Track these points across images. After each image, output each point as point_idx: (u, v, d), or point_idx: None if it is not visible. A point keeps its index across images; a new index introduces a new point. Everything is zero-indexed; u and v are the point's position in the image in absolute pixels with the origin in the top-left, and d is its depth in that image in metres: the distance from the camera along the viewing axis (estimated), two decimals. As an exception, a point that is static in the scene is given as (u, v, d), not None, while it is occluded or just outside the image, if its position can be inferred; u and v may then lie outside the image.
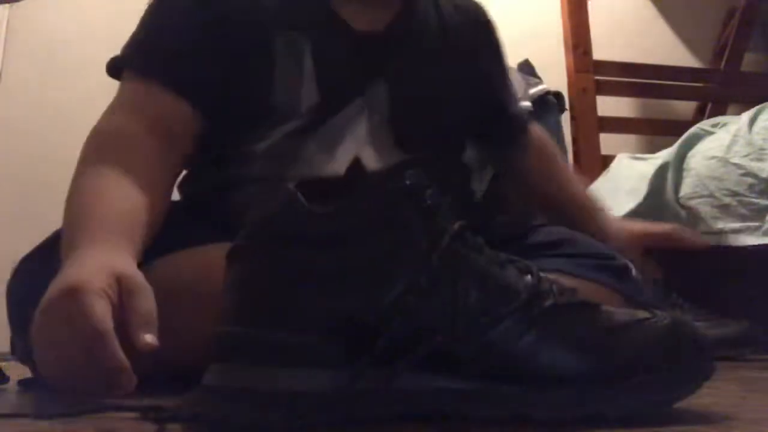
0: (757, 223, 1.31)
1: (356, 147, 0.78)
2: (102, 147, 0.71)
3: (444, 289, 0.40)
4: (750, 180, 1.33)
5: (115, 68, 0.80)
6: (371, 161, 0.77)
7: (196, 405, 0.40)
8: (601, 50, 2.15)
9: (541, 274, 0.43)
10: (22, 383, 0.67)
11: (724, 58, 2.42)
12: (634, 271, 0.84)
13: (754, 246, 1.30)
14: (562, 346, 0.40)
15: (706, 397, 0.51)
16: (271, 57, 0.78)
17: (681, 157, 1.48)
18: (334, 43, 0.81)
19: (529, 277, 0.43)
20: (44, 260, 0.68)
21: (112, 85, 0.80)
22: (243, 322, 0.40)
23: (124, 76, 0.79)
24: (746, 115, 1.43)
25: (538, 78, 1.84)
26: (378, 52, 0.82)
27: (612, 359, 0.41)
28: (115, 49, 0.81)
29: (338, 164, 0.76)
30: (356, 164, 0.43)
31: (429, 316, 0.39)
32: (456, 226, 0.41)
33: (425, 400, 0.39)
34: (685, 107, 2.40)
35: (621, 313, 0.44)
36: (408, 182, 0.41)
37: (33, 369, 0.70)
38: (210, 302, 0.47)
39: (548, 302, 0.42)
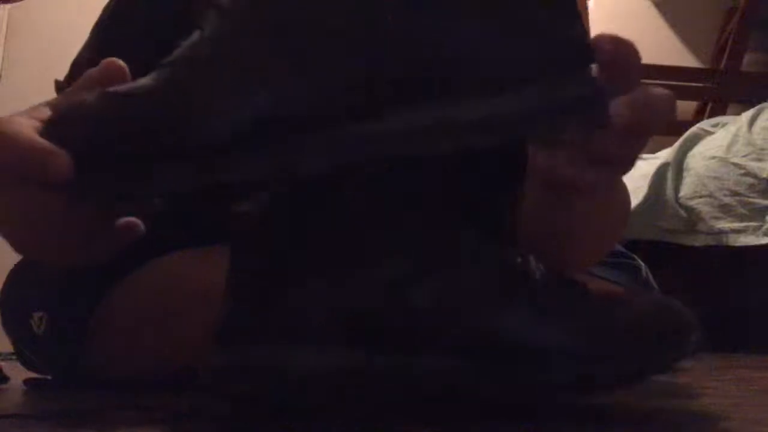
0: (757, 223, 1.31)
1: None
2: None
3: (438, 272, 0.40)
4: (750, 180, 1.33)
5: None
6: None
7: (206, 382, 0.40)
8: (601, 50, 2.15)
9: (530, 256, 0.44)
10: (28, 383, 0.68)
11: (724, 58, 2.42)
12: (644, 271, 0.84)
13: (754, 246, 1.30)
14: (553, 325, 0.41)
15: (705, 397, 0.51)
16: None
17: (681, 157, 1.49)
18: None
19: (519, 259, 0.43)
20: (32, 268, 0.67)
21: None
22: (247, 304, 0.40)
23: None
24: (746, 115, 1.44)
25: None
26: None
27: (602, 336, 0.41)
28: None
29: None
30: None
31: (422, 295, 0.39)
32: (449, 210, 0.42)
33: (421, 380, 0.40)
34: (685, 107, 2.40)
35: (605, 291, 0.45)
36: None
37: (37, 372, 0.71)
38: (205, 301, 0.47)
39: (539, 282, 0.42)
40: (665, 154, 1.53)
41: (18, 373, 0.70)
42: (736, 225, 1.33)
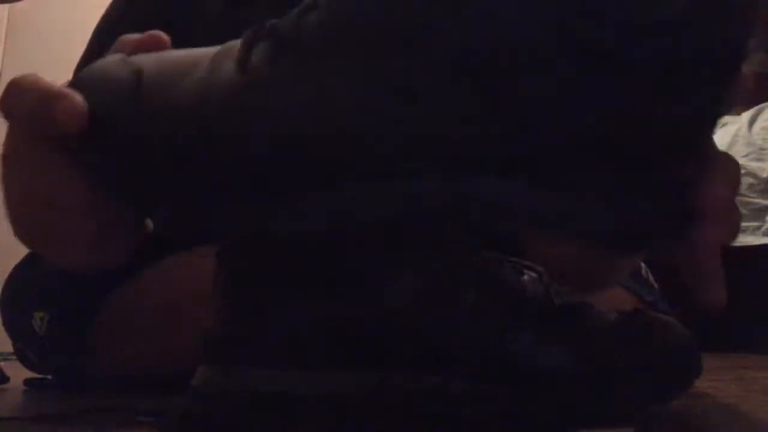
0: (757, 223, 1.31)
1: None
2: None
3: (444, 290, 0.40)
4: (750, 180, 1.33)
5: None
6: None
7: (185, 406, 0.40)
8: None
9: (534, 274, 0.43)
10: (28, 383, 0.68)
11: (724, 58, 2.42)
12: (644, 271, 0.84)
13: (754, 246, 1.30)
14: (558, 346, 0.40)
15: (706, 398, 0.51)
16: None
17: (681, 157, 1.49)
18: None
19: (525, 277, 0.43)
20: (34, 267, 0.68)
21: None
22: (234, 323, 0.40)
23: None
24: (746, 115, 1.44)
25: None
26: None
27: (605, 359, 0.41)
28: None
29: None
30: None
31: (428, 317, 0.39)
32: (456, 227, 0.41)
33: (420, 400, 0.40)
34: (685, 107, 2.40)
35: (611, 313, 0.45)
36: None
37: (37, 372, 0.71)
38: (202, 305, 0.47)
39: (545, 302, 0.42)
40: (665, 154, 1.54)
41: (18, 373, 0.70)
42: (736, 225, 1.33)
